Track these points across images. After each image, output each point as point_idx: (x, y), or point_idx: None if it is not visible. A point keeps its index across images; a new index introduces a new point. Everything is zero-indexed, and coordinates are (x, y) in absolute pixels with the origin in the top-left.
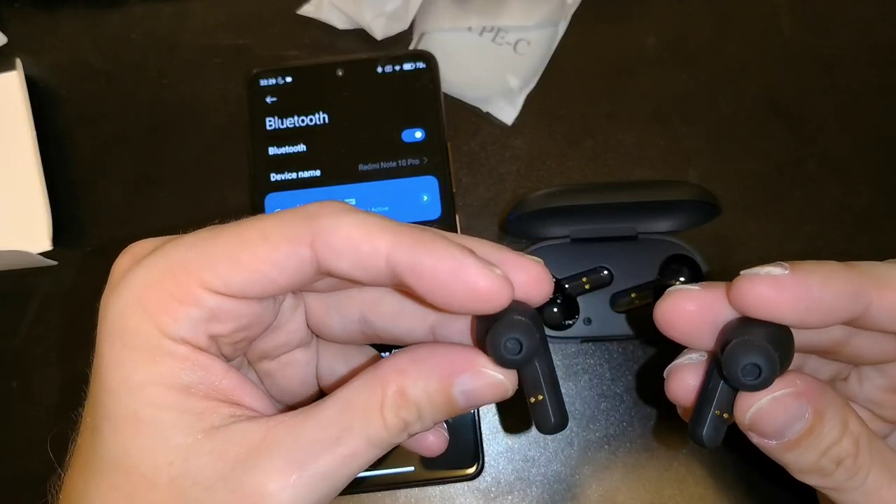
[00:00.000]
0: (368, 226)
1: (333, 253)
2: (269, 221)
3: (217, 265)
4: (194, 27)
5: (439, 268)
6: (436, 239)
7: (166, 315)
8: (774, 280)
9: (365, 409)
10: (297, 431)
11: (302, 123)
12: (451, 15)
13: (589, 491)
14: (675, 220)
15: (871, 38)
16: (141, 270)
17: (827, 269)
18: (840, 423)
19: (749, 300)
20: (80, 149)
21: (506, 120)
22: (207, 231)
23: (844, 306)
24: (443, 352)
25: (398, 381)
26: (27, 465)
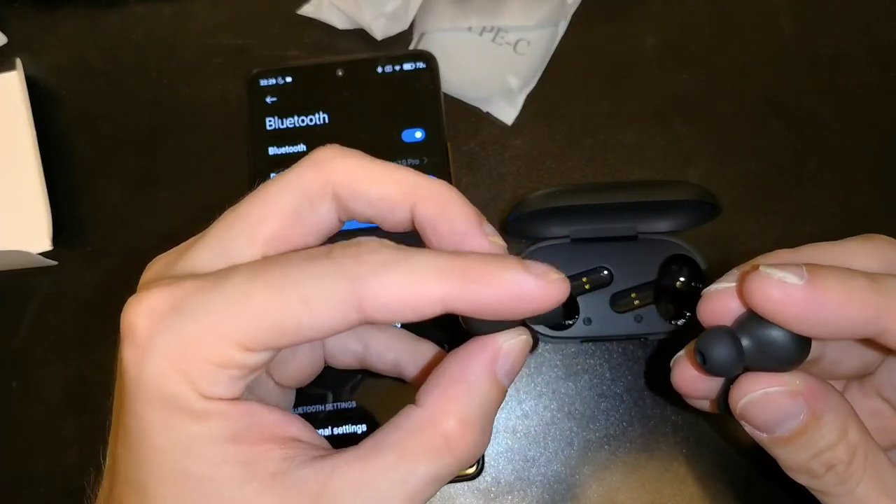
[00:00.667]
0: (419, 276)
1: (384, 313)
2: (306, 284)
3: (253, 330)
4: (194, 27)
5: (499, 298)
6: (487, 267)
7: (205, 380)
8: (787, 288)
9: (429, 450)
10: (357, 481)
11: (302, 123)
12: (451, 15)
13: (589, 491)
14: (675, 220)
15: (871, 38)
16: (171, 335)
17: (848, 286)
18: (838, 429)
19: (757, 301)
20: (80, 149)
21: (506, 120)
22: (234, 289)
23: (857, 329)
24: (468, 354)
25: (455, 411)
26: (27, 465)
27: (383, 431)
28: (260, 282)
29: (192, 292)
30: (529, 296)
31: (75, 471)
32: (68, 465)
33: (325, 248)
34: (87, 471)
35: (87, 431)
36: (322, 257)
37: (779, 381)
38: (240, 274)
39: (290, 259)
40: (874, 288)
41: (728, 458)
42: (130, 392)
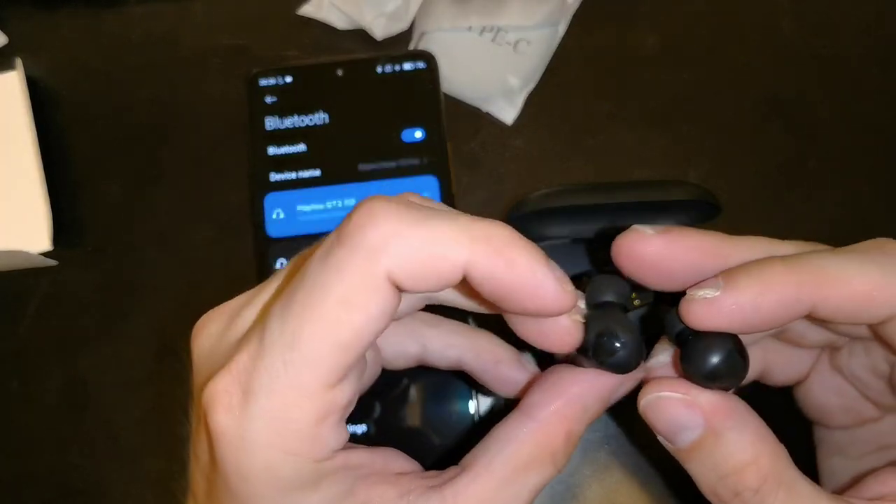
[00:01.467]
0: (443, 237)
1: (414, 279)
2: (334, 284)
3: (323, 364)
4: (194, 27)
5: (516, 282)
6: (512, 247)
7: (316, 443)
8: (708, 302)
9: (537, 462)
10: (479, 502)
11: (302, 123)
12: (451, 15)
13: (589, 491)
14: (675, 220)
15: (871, 38)
16: (258, 424)
17: (762, 278)
18: (745, 452)
19: (691, 322)
20: (80, 149)
21: (506, 120)
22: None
23: (785, 313)
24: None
25: (565, 428)
26: (27, 465)
27: (495, 446)
28: (296, 314)
29: (250, 368)
30: (543, 293)
31: (75, 471)
32: (68, 465)
33: (334, 230)
34: (87, 471)
35: (87, 431)
36: (335, 247)
37: (676, 388)
38: (274, 318)
39: (308, 269)
40: (788, 268)
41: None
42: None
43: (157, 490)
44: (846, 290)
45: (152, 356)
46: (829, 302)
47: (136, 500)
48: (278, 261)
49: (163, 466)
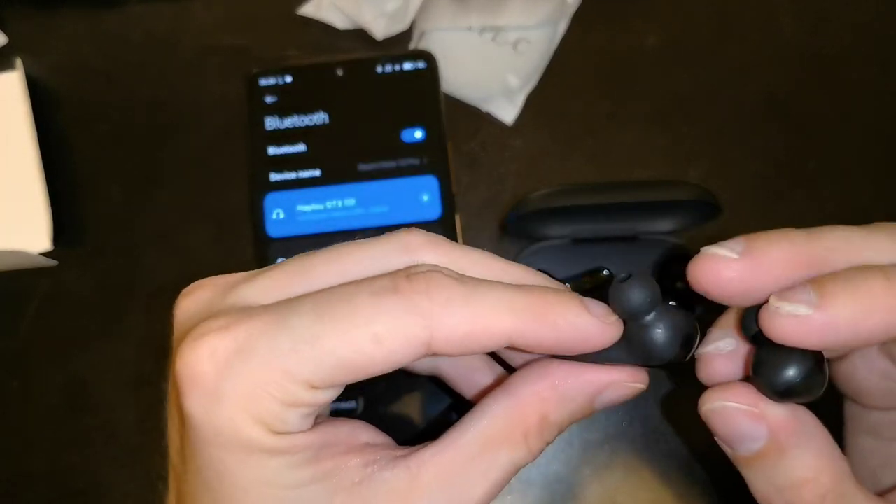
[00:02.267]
0: (488, 313)
1: (452, 348)
2: (377, 322)
3: (323, 371)
4: (194, 27)
5: (562, 338)
6: (551, 306)
7: (278, 420)
8: (799, 320)
9: (509, 440)
10: (444, 473)
11: (302, 123)
12: (451, 14)
13: (589, 491)
14: (675, 220)
15: (871, 38)
16: (240, 381)
17: (864, 297)
18: (807, 469)
19: (775, 336)
20: (80, 149)
21: (506, 120)
22: (303, 330)
23: (886, 336)
24: (580, 373)
25: (541, 409)
26: (27, 465)
27: (469, 419)
28: (328, 321)
29: (256, 334)
30: (589, 337)
31: (75, 471)
32: (68, 465)
33: (390, 279)
34: (86, 471)
35: (87, 431)
36: (390, 293)
37: (743, 398)
38: (305, 311)
39: (357, 294)
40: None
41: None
42: (201, 438)
43: (157, 490)
44: None
45: (152, 356)
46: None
47: (136, 500)
48: (278, 260)
49: (163, 466)
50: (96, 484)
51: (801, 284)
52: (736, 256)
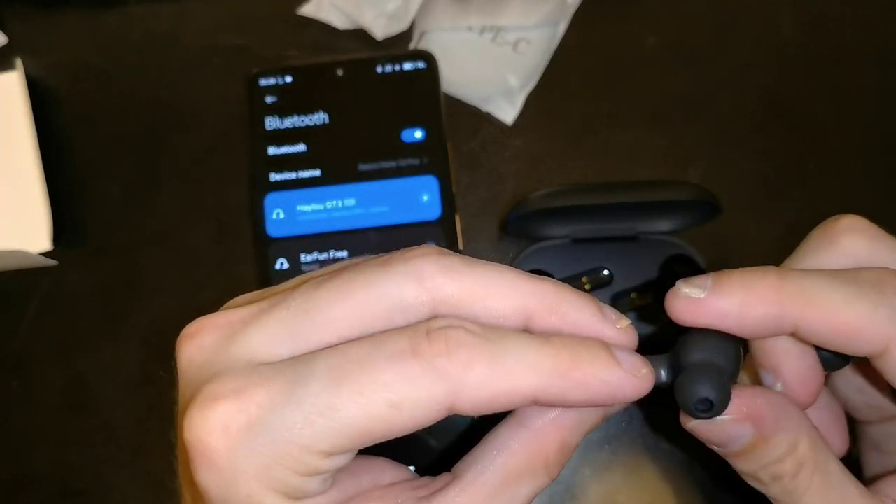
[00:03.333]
0: (511, 375)
1: (474, 409)
2: (395, 387)
3: (340, 441)
4: (194, 27)
5: (591, 396)
6: (581, 364)
7: (297, 489)
8: (692, 301)
9: (530, 472)
10: None
11: (302, 123)
12: (451, 14)
13: (589, 491)
14: (675, 220)
15: (871, 38)
16: (255, 459)
17: (749, 289)
18: (787, 446)
19: (676, 316)
20: (80, 149)
21: (506, 120)
22: (318, 400)
23: (769, 327)
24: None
25: (560, 437)
26: (27, 465)
27: (488, 454)
28: (345, 390)
29: (267, 407)
30: (620, 393)
31: (75, 471)
32: (68, 465)
33: (407, 339)
34: (87, 471)
35: (87, 431)
36: (409, 357)
37: (729, 408)
38: (317, 377)
39: (374, 358)
40: (777, 286)
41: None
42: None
43: (157, 490)
44: (831, 320)
45: (152, 356)
46: (812, 328)
47: (136, 500)
48: (278, 260)
49: (163, 466)
50: (96, 484)
51: (706, 275)
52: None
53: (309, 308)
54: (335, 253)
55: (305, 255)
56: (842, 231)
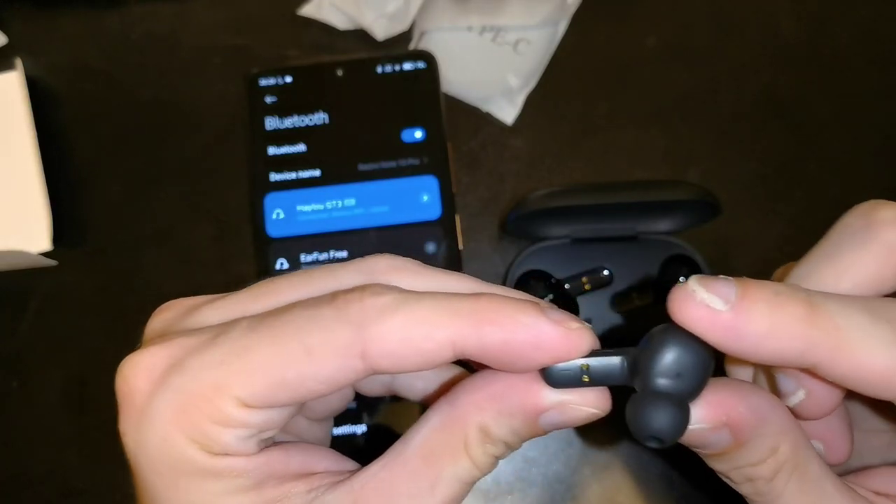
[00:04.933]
0: (425, 320)
1: (390, 360)
2: (309, 332)
3: (256, 385)
4: (194, 27)
5: (513, 343)
6: (501, 309)
7: (211, 440)
8: (710, 312)
9: (451, 453)
10: (385, 493)
11: (302, 123)
12: (451, 14)
13: (589, 491)
14: (675, 220)
15: (871, 38)
16: (170, 396)
17: (777, 316)
18: (765, 450)
19: (680, 320)
20: (80, 149)
21: (506, 120)
22: (234, 342)
23: (784, 359)
24: (521, 386)
25: (478, 419)
26: (27, 465)
27: (409, 432)
28: (261, 333)
29: (191, 349)
30: (547, 344)
31: (75, 471)
32: (68, 465)
33: (329, 294)
34: (87, 471)
35: (87, 431)
36: (325, 305)
37: (707, 416)
38: (240, 326)
39: (293, 308)
40: (808, 318)
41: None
42: (136, 460)
43: None
44: (861, 366)
45: None
46: (837, 371)
47: (136, 500)
48: (278, 260)
49: None
50: (96, 484)
51: (726, 279)
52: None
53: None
54: (335, 253)
55: (305, 255)
56: (887, 223)
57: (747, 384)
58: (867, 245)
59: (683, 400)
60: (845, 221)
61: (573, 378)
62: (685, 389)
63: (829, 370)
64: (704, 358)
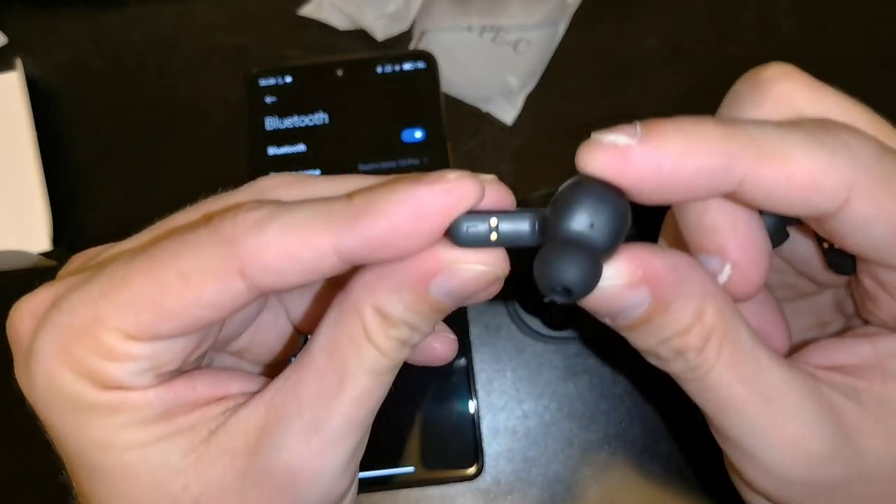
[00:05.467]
0: (299, 227)
1: (272, 275)
2: (183, 256)
3: (137, 316)
4: (194, 27)
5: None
6: (372, 197)
7: (99, 375)
8: (618, 151)
9: (353, 344)
10: (296, 396)
11: (301, 123)
12: (451, 14)
13: (589, 492)
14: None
15: (871, 38)
16: (51, 333)
17: (689, 135)
18: (691, 315)
19: (590, 169)
20: (80, 149)
21: (506, 120)
22: (111, 275)
23: (706, 186)
24: (418, 260)
25: (371, 300)
26: (27, 465)
27: (315, 332)
28: (138, 263)
29: (72, 286)
30: (428, 207)
31: None
32: None
33: (204, 216)
34: None
35: None
36: (200, 228)
37: (621, 271)
38: (120, 260)
39: (171, 236)
40: (724, 133)
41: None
42: (33, 404)
43: None
44: (788, 171)
45: None
46: (764, 183)
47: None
48: None
49: None
50: None
51: (629, 124)
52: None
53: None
54: None
55: None
56: (774, 79)
57: (655, 245)
58: (759, 104)
59: (596, 253)
60: (734, 90)
61: (480, 236)
62: (598, 240)
63: (756, 184)
64: (618, 208)
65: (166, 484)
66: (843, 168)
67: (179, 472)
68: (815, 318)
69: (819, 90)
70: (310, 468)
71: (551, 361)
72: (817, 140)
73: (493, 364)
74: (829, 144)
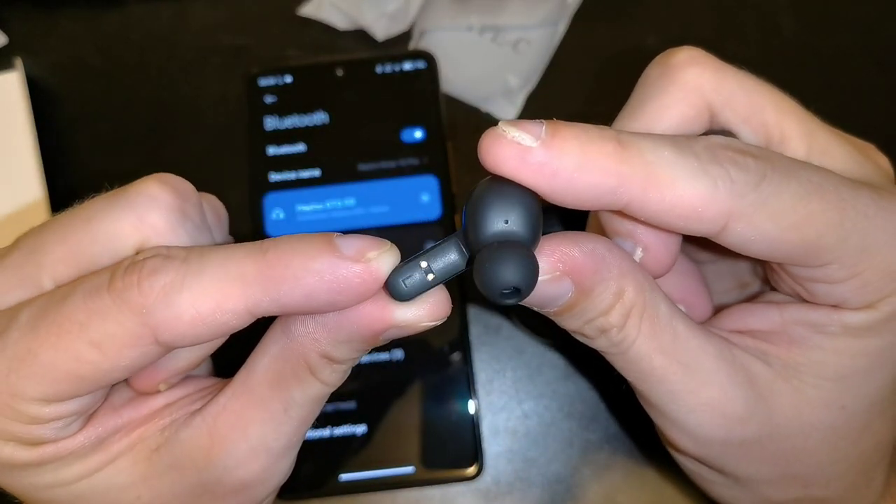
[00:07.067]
0: (212, 292)
1: (189, 338)
2: (91, 326)
3: (52, 387)
4: (194, 27)
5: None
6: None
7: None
8: (519, 151)
9: (297, 378)
10: (240, 423)
11: (301, 123)
12: (451, 14)
13: (589, 492)
14: None
15: (871, 38)
16: None
17: (588, 150)
18: (611, 296)
19: (490, 162)
20: (80, 149)
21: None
22: (15, 347)
23: (596, 199)
24: (353, 314)
25: (317, 349)
26: None
27: (250, 360)
28: (42, 333)
29: None
30: (350, 286)
31: None
32: None
33: (106, 276)
34: None
35: None
36: (104, 293)
37: (543, 268)
38: (20, 326)
39: (72, 297)
40: (618, 154)
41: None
42: None
43: None
44: (672, 200)
45: None
46: (648, 206)
47: None
48: None
49: None
50: None
51: (537, 120)
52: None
53: (32, 252)
54: None
55: None
56: (681, 65)
57: (581, 233)
58: (667, 90)
59: (523, 245)
60: (645, 74)
61: (420, 283)
62: (519, 233)
63: (641, 207)
64: (526, 198)
65: (119, 500)
66: (721, 198)
67: (129, 486)
68: (735, 279)
69: (725, 76)
70: (261, 478)
71: (551, 361)
72: (703, 170)
73: (493, 364)
74: (712, 174)
